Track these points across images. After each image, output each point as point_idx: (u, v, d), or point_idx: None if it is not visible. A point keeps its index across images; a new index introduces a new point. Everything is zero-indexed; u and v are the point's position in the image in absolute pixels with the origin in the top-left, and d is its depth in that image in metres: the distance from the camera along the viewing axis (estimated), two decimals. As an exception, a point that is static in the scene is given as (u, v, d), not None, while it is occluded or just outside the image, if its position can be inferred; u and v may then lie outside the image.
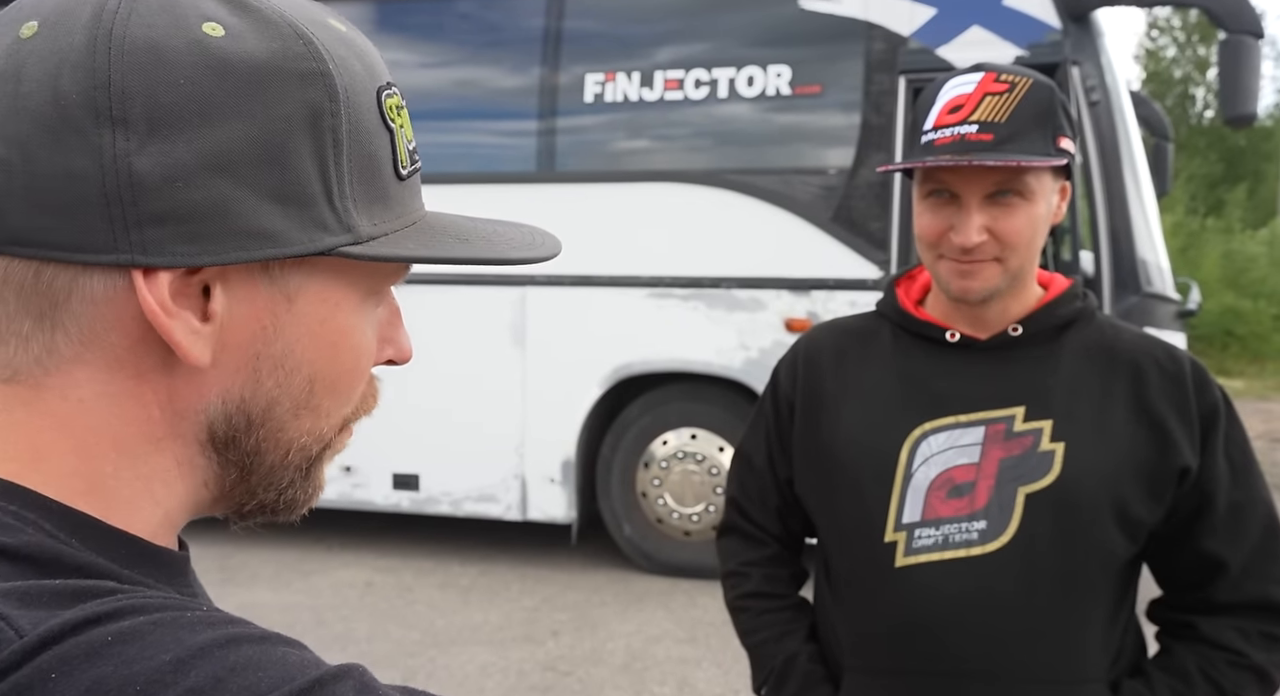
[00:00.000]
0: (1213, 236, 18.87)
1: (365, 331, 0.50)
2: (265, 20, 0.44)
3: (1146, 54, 27.61)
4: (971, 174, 1.03)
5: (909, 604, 1.07)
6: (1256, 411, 11.11)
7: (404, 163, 0.48)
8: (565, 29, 4.62)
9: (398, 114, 0.48)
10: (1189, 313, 4.42)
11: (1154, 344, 1.12)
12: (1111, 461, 1.06)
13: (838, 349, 1.19)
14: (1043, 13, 4.00)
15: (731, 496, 1.27)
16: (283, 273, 0.46)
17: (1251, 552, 1.08)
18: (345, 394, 0.50)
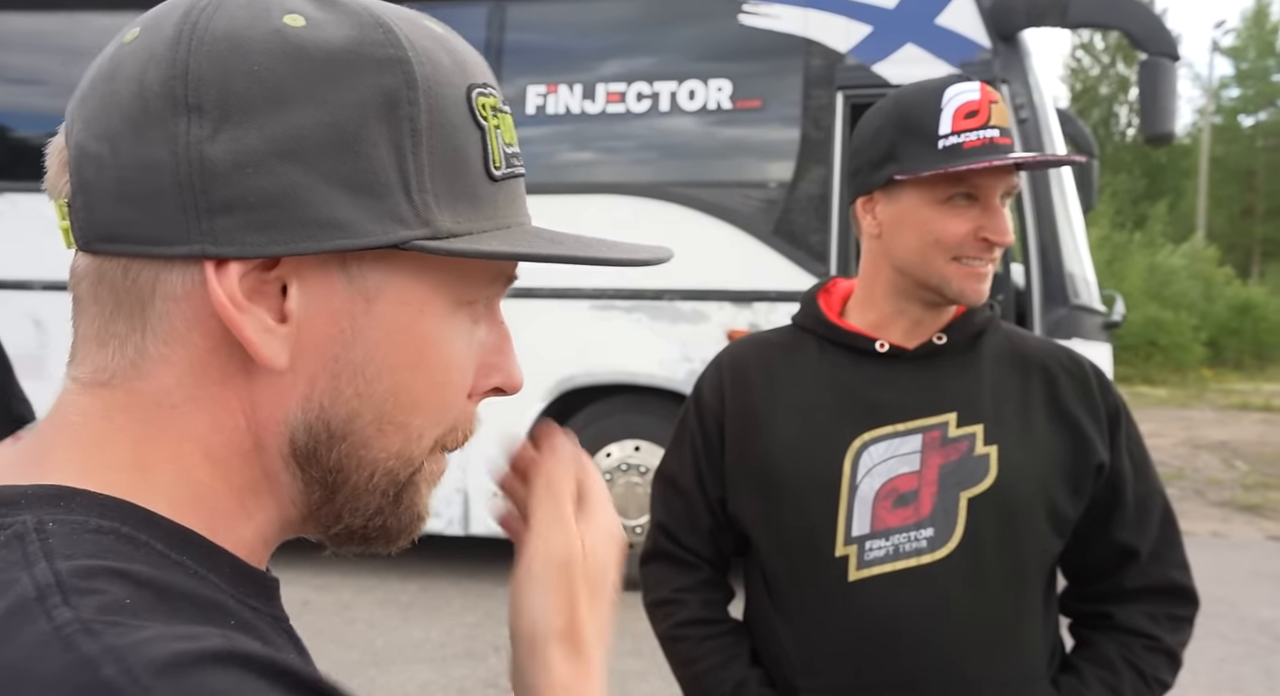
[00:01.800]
0: (1137, 250, 19.58)
1: (455, 344, 0.47)
2: (347, 11, 0.44)
3: (1072, 73, 28.61)
4: (998, 177, 1.07)
5: (866, 617, 1.07)
6: (1178, 419, 11.53)
7: (497, 163, 0.46)
8: (507, 41, 4.61)
9: (493, 114, 0.46)
10: (1114, 324, 4.57)
11: (1057, 348, 1.18)
12: (1040, 462, 1.10)
13: (764, 363, 1.18)
14: (973, 32, 4.12)
15: (658, 521, 1.23)
16: (361, 270, 0.44)
17: (1155, 541, 1.14)
18: (434, 412, 0.47)
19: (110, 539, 0.40)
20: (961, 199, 1.07)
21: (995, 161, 1.02)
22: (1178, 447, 9.44)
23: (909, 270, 1.11)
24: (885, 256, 1.12)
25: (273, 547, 0.49)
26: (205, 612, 0.40)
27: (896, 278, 1.12)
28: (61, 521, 0.39)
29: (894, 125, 1.09)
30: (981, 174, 1.06)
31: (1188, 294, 18.12)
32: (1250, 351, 18.79)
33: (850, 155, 1.15)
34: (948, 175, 1.05)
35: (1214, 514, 6.66)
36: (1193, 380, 15.83)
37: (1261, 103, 26.58)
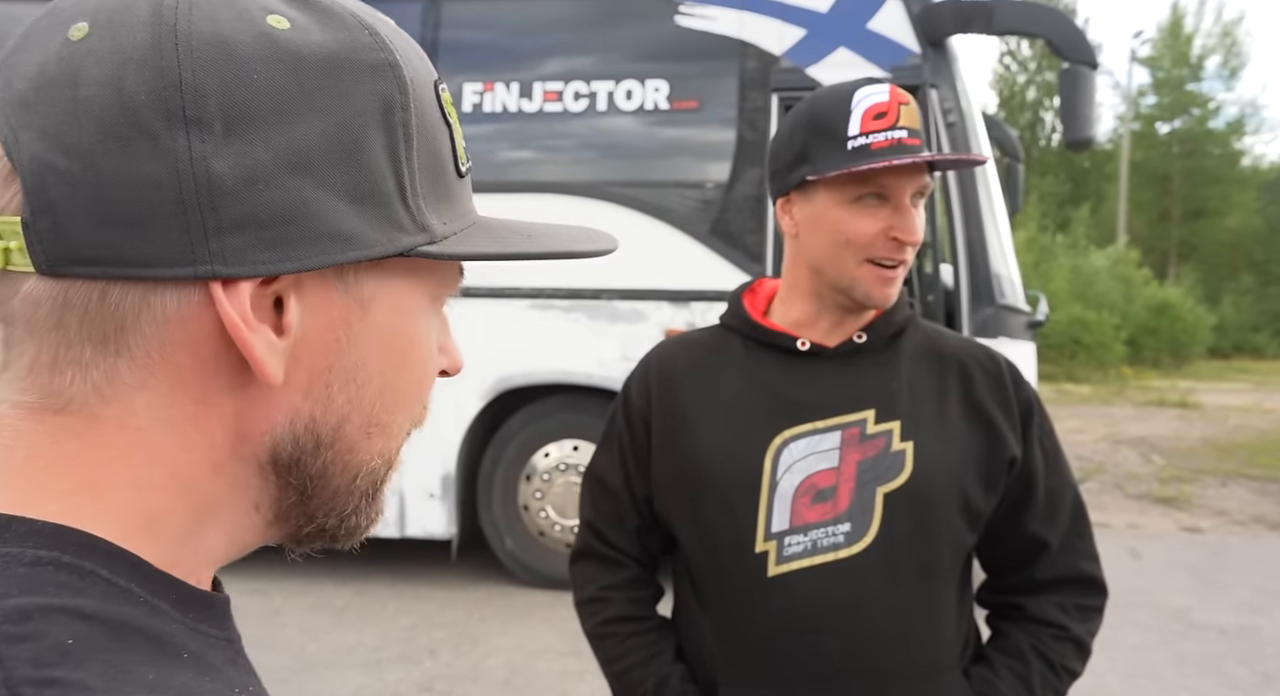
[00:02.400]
0: (1062, 252, 20.23)
1: (431, 339, 0.48)
2: (328, 12, 0.42)
3: (1000, 79, 29.40)
4: (907, 177, 1.08)
5: (784, 612, 1.08)
6: (1101, 415, 11.95)
7: (463, 159, 0.47)
8: (442, 38, 4.56)
9: (453, 110, 0.47)
10: (1038, 323, 4.71)
11: (974, 346, 1.21)
12: (955, 457, 1.13)
13: (691, 362, 1.19)
14: (903, 37, 4.21)
15: (587, 520, 1.24)
16: (357, 278, 0.43)
17: (1065, 532, 1.18)
18: (411, 407, 0.48)
19: (50, 570, 0.37)
20: (872, 199, 1.08)
21: (896, 160, 1.04)
22: (1099, 443, 9.78)
23: (822, 271, 1.13)
24: (802, 256, 1.14)
25: (219, 564, 0.47)
26: (157, 647, 0.38)
27: (813, 278, 1.14)
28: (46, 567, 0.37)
29: (805, 127, 1.10)
30: (890, 174, 1.07)
31: (1109, 294, 18.78)
32: (1167, 350, 19.56)
33: (770, 158, 1.16)
34: (856, 175, 1.07)
35: (1132, 506, 6.93)
36: (1114, 378, 16.41)
37: (1177, 110, 27.66)
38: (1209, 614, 4.45)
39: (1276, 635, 4.18)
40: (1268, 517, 6.60)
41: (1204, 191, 27.06)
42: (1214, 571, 5.17)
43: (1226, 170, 27.48)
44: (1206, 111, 27.44)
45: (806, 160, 1.10)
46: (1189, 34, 27.42)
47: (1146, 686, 3.62)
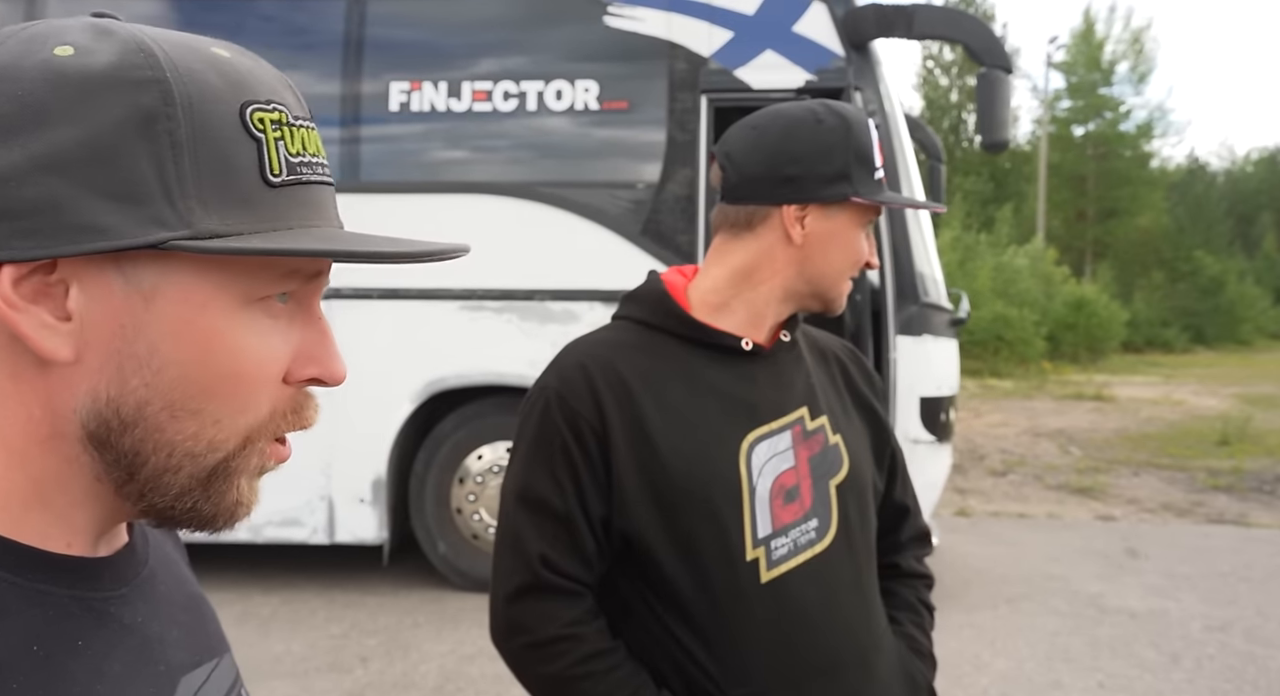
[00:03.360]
0: (986, 251, 20.82)
1: (246, 337, 0.51)
2: (116, 39, 0.48)
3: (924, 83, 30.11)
4: None
5: (785, 614, 1.09)
6: (1022, 409, 12.35)
7: (275, 171, 0.50)
8: (367, 36, 4.49)
9: (275, 127, 0.51)
10: (960, 321, 4.85)
11: (834, 338, 1.31)
12: (862, 444, 1.22)
13: (633, 366, 1.12)
14: (828, 40, 4.29)
15: (538, 552, 1.08)
16: (136, 271, 0.48)
17: (912, 496, 1.33)
18: (231, 399, 0.51)
19: None
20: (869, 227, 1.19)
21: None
22: (1020, 436, 10.11)
23: (817, 281, 1.14)
24: (795, 264, 1.13)
25: (92, 532, 0.52)
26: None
27: (796, 285, 1.14)
28: None
29: (847, 148, 1.12)
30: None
31: (1030, 292, 19.40)
32: (1084, 345, 20.30)
33: (785, 161, 1.12)
34: (871, 204, 1.16)
35: (1050, 497, 7.18)
36: (1034, 372, 16.96)
37: (1090, 114, 28.73)
38: (1121, 598, 4.64)
39: (1184, 617, 4.38)
40: (1175, 505, 6.91)
41: (1116, 192, 28.17)
42: (1126, 557, 5.39)
43: (1137, 171, 28.66)
44: (1118, 115, 28.58)
45: (848, 180, 1.12)
46: (1100, 40, 28.50)
47: (1063, 669, 3.76)
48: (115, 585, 0.54)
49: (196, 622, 0.61)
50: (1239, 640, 4.08)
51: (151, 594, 0.57)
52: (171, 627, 0.58)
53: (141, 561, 0.58)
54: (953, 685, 3.51)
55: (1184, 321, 25.82)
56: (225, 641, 0.64)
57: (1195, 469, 8.24)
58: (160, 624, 0.57)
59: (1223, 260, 28.28)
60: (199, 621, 0.61)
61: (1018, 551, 5.37)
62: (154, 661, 0.55)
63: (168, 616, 0.58)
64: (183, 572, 0.65)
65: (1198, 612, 4.43)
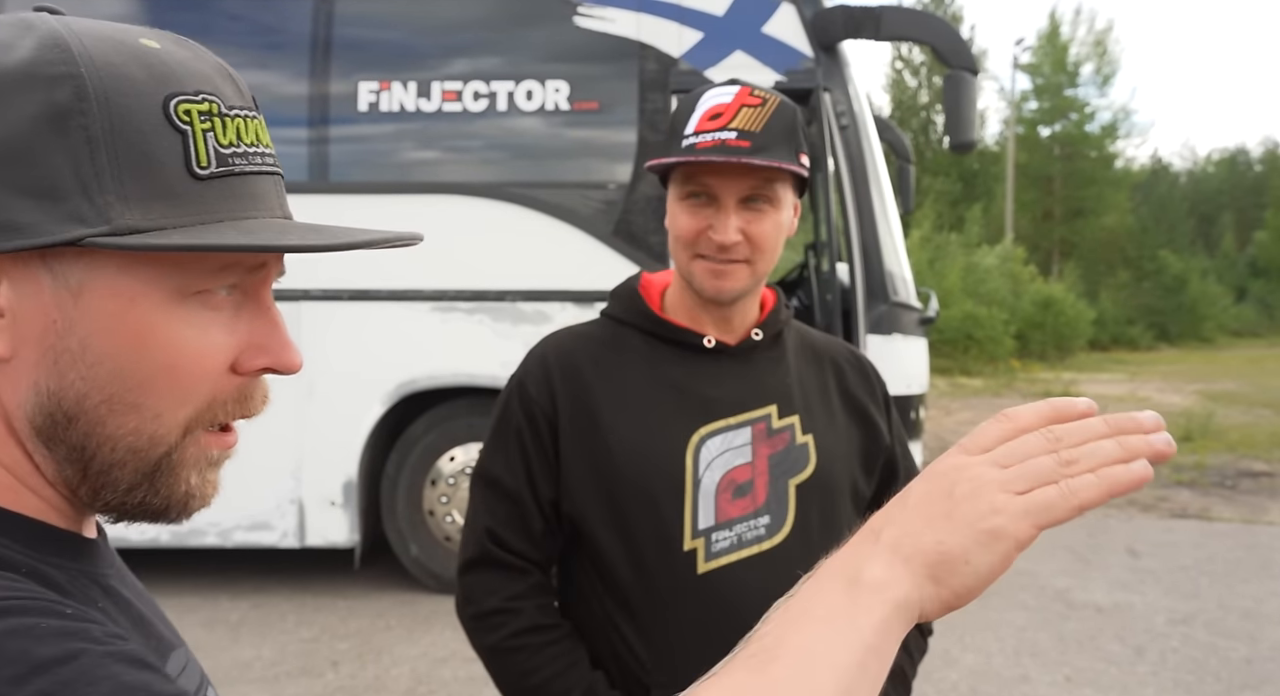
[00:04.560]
0: (955, 250, 21.04)
1: (181, 330, 0.51)
2: (35, 34, 0.48)
3: (893, 84, 30.37)
4: (731, 177, 1.09)
5: (717, 607, 1.09)
6: (992, 407, 12.49)
7: (203, 163, 0.50)
8: (335, 35, 4.46)
9: (203, 119, 0.50)
10: (929, 320, 4.90)
11: (839, 343, 1.29)
12: (844, 448, 1.19)
13: (592, 359, 1.17)
14: (797, 42, 4.32)
15: (485, 527, 1.16)
16: (63, 268, 0.48)
17: None
18: (169, 392, 0.51)
19: None
20: (699, 198, 1.11)
21: (703, 158, 1.07)
22: (990, 433, 10.21)
23: (675, 263, 1.17)
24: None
25: (77, 519, 0.55)
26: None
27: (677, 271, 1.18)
28: None
29: (671, 122, 1.15)
30: (712, 174, 1.09)
31: (999, 291, 19.63)
32: (1052, 343, 20.56)
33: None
34: (684, 173, 1.11)
35: (1020, 492, 7.26)
36: (1003, 370, 17.16)
37: (1056, 115, 29.12)
38: (1087, 593, 4.71)
39: (1148, 611, 4.45)
40: (1139, 500, 7.02)
41: (1082, 192, 28.57)
42: (1092, 552, 5.48)
43: (1102, 172, 29.08)
44: (1083, 116, 28.98)
45: (664, 154, 1.13)
46: (1065, 42, 28.89)
47: (1030, 664, 3.81)
48: (105, 566, 0.57)
49: (158, 613, 0.63)
50: (1201, 632, 4.16)
51: (127, 581, 0.60)
52: (150, 611, 0.60)
53: (112, 554, 0.61)
54: (922, 680, 3.55)
55: (1148, 319, 26.25)
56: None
57: (1159, 465, 8.37)
58: (142, 606, 0.59)
59: (1185, 259, 28.78)
60: (159, 612, 0.63)
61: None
62: (149, 635, 0.57)
63: (144, 601, 0.61)
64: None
65: (1162, 606, 4.51)
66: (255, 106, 0.54)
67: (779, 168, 1.08)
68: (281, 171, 0.55)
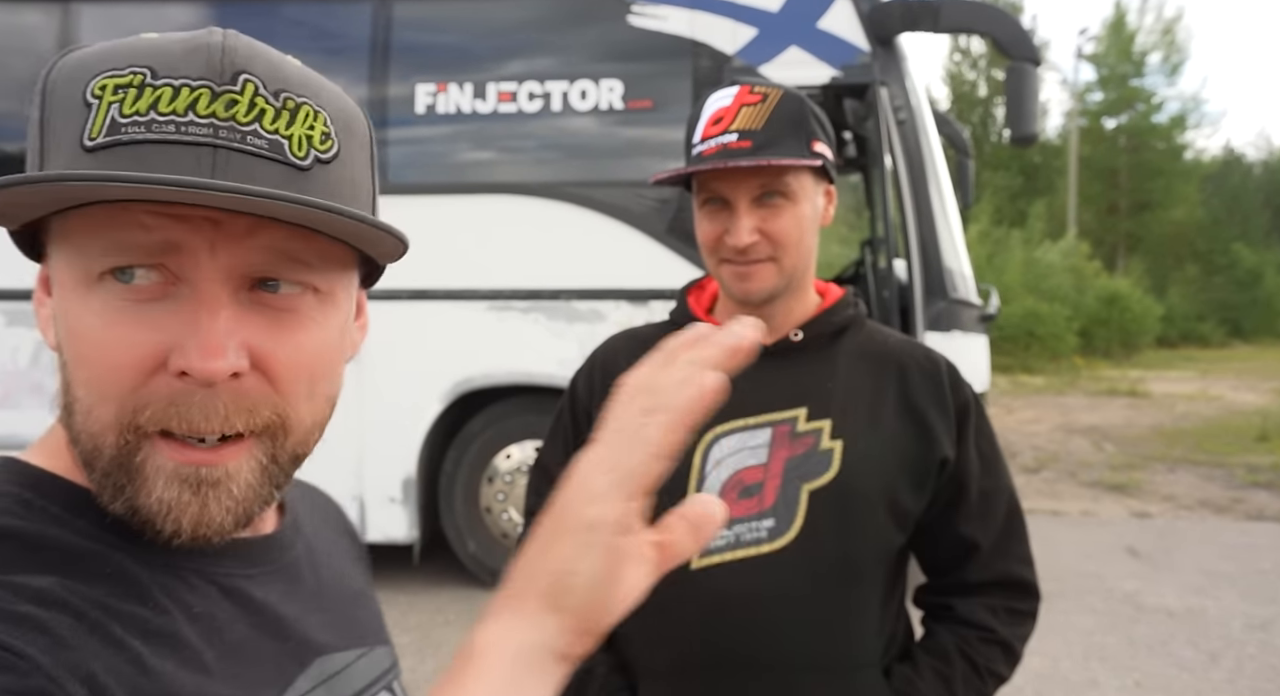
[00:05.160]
0: (1016, 246, 20.59)
1: (87, 319, 0.48)
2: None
3: (950, 77, 29.82)
4: (737, 179, 1.09)
5: (704, 604, 1.09)
6: (1055, 405, 12.20)
7: (92, 135, 0.47)
8: (394, 40, 4.53)
9: (116, 92, 0.47)
10: (990, 317, 4.80)
11: (915, 347, 1.21)
12: (883, 456, 1.13)
13: (632, 357, 1.17)
14: (853, 36, 4.27)
15: (530, 509, 1.23)
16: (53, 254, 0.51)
17: (998, 534, 1.18)
18: (87, 386, 0.48)
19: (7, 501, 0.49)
20: (715, 203, 1.11)
21: (692, 168, 1.08)
22: (1053, 432, 9.99)
23: (708, 269, 1.17)
24: None
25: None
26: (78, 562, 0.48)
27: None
28: None
29: (686, 132, 1.16)
30: (719, 179, 1.09)
31: (1061, 286, 19.16)
32: (1118, 340, 20.01)
33: None
34: (697, 181, 1.12)
35: (1085, 494, 7.09)
36: (1066, 368, 16.75)
37: (1122, 106, 28.29)
38: (1158, 597, 4.57)
39: (1223, 616, 4.30)
40: (1213, 501, 6.79)
41: (1149, 184, 27.73)
42: (1163, 555, 5.31)
43: (1170, 164, 28.18)
44: (1150, 106, 28.12)
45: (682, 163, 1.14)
46: (1132, 31, 28.06)
47: (1099, 669, 3.71)
48: (246, 565, 0.56)
49: (348, 612, 0.63)
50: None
51: (294, 577, 0.60)
52: (314, 611, 0.59)
53: (285, 549, 0.60)
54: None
55: (1220, 315, 25.38)
56: (384, 635, 0.66)
57: (1233, 465, 8.10)
58: (297, 606, 0.58)
59: (1260, 252, 27.74)
60: (352, 612, 0.64)
61: (1051, 549, 5.30)
62: (284, 638, 0.56)
63: (311, 600, 0.60)
64: (344, 568, 0.68)
65: (1238, 611, 4.36)
66: (233, 81, 0.48)
67: (773, 165, 1.07)
68: (228, 143, 0.48)
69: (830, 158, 1.15)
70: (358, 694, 0.60)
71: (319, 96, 0.52)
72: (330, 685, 0.57)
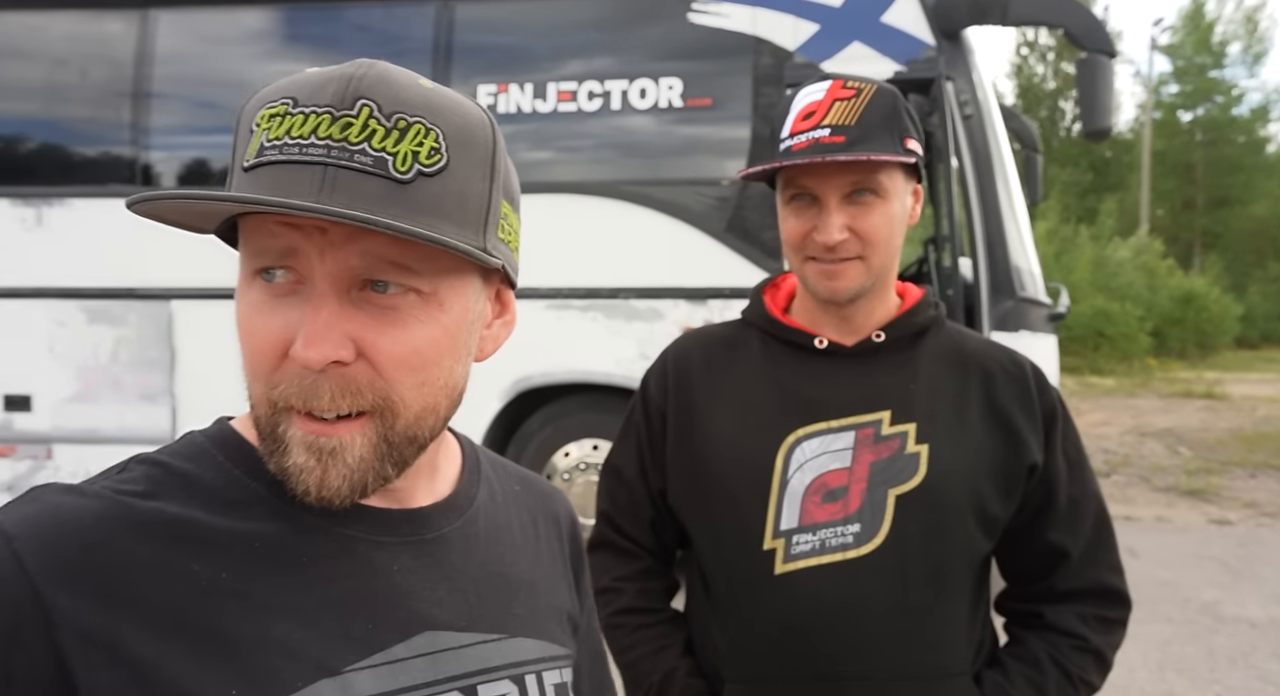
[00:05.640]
0: (1084, 243, 20.03)
1: (244, 308, 0.58)
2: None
3: (1018, 70, 29.12)
4: (828, 175, 1.06)
5: (789, 610, 1.07)
6: (1126, 407, 11.83)
7: (248, 158, 0.56)
8: (455, 41, 4.58)
9: (268, 121, 0.56)
10: (1059, 316, 4.67)
11: (999, 349, 1.18)
12: (970, 461, 1.09)
13: (706, 357, 1.19)
14: (918, 30, 4.18)
15: (602, 510, 1.24)
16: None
17: (1087, 542, 1.15)
18: (246, 365, 0.58)
19: (192, 447, 0.61)
20: (803, 199, 1.09)
21: (785, 162, 1.05)
22: (1125, 435, 9.68)
23: (790, 267, 1.15)
24: None
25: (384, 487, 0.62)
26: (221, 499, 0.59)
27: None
28: (188, 436, 0.63)
29: (772, 127, 1.13)
30: (809, 175, 1.07)
31: (1133, 285, 18.58)
32: (1193, 340, 19.33)
33: None
34: (784, 177, 1.09)
35: (1159, 499, 6.85)
36: (1138, 369, 16.24)
37: (1199, 98, 27.32)
38: (1239, 607, 4.39)
39: (1308, 628, 4.12)
40: (1298, 509, 6.51)
41: (1228, 179, 26.71)
42: (1244, 564, 5.10)
43: (1251, 158, 27.12)
44: (1230, 98, 27.09)
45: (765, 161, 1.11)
46: (1210, 21, 27.06)
47: (1176, 680, 3.58)
48: (381, 532, 0.62)
49: (493, 598, 0.67)
50: (1371, 654, 3.82)
51: (435, 554, 0.64)
52: (440, 588, 0.64)
53: (435, 525, 0.65)
54: (1054, 694, 3.38)
55: (1304, 315, 24.31)
56: (544, 630, 0.69)
57: (1318, 472, 7.75)
58: (424, 579, 0.63)
59: (1348, 249, 26.52)
60: (499, 599, 0.67)
61: (1123, 556, 5.13)
62: (392, 605, 0.61)
63: (443, 577, 0.64)
64: (518, 559, 0.71)
65: (1324, 624, 4.16)
66: (351, 106, 0.56)
67: (873, 160, 1.04)
68: (349, 164, 0.56)
69: (921, 155, 1.12)
70: (470, 674, 0.62)
71: (437, 115, 0.59)
72: (435, 658, 0.61)
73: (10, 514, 0.55)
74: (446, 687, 0.61)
